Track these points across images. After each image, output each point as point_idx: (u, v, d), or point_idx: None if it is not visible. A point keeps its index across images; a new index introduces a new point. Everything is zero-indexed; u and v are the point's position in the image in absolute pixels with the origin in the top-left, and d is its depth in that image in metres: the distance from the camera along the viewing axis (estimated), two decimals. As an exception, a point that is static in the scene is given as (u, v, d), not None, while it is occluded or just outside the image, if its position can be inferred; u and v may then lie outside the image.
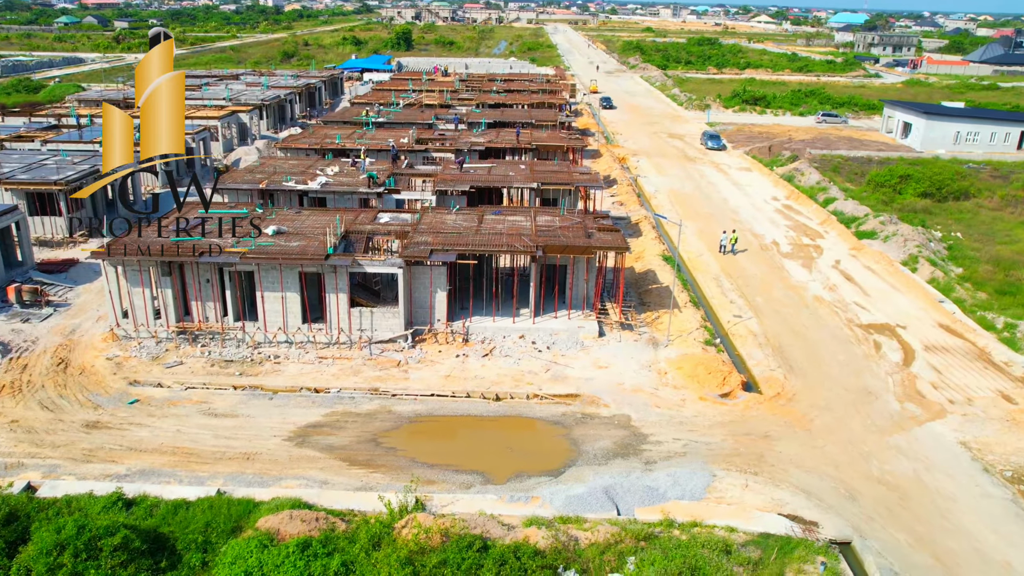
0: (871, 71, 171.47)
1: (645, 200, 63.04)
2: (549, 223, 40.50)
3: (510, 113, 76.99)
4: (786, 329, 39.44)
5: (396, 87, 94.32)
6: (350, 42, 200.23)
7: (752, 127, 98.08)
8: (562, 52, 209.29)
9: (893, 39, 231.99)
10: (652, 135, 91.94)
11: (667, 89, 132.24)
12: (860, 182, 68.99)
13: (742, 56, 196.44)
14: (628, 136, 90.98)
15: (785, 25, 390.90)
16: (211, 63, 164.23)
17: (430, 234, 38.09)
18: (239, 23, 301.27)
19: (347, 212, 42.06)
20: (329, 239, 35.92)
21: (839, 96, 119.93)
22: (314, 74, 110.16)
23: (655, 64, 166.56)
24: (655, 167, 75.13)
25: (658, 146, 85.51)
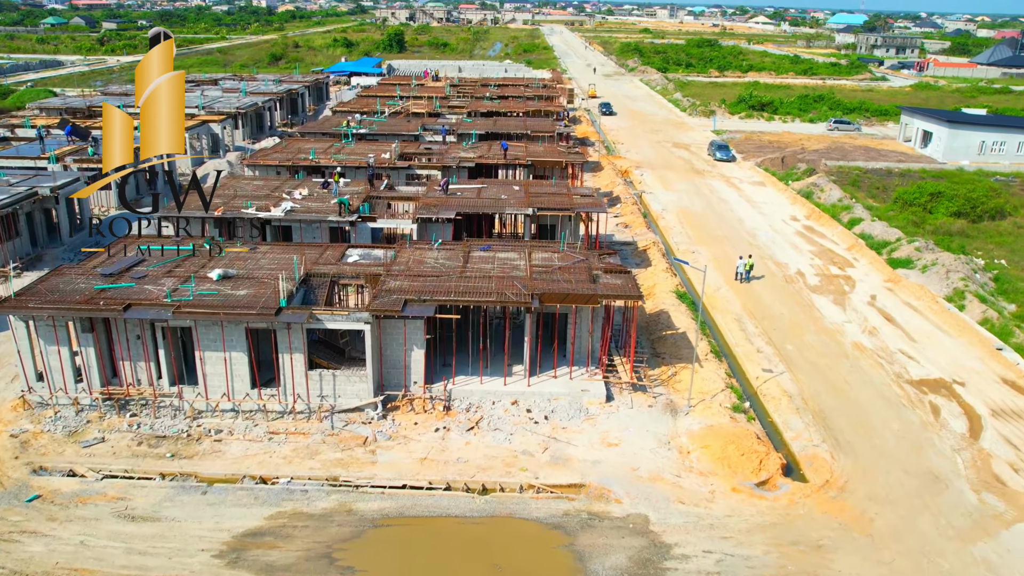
0: (877, 74, 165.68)
1: (653, 222, 57.00)
2: (547, 262, 34.41)
3: (504, 123, 70.88)
4: (826, 387, 33.40)
5: (383, 93, 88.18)
6: (341, 44, 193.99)
7: (761, 135, 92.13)
8: (558, 54, 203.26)
9: (896, 41, 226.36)
10: (656, 144, 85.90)
11: (669, 94, 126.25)
12: (883, 198, 63.11)
13: (743, 58, 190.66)
14: (630, 145, 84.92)
15: (784, 26, 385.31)
16: (196, 66, 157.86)
17: (406, 277, 31.97)
18: (230, 24, 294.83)
19: (311, 248, 35.90)
20: (283, 287, 29.77)
21: (849, 101, 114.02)
22: (297, 79, 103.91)
23: (655, 67, 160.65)
24: (661, 181, 69.10)
25: (663, 157, 79.47)
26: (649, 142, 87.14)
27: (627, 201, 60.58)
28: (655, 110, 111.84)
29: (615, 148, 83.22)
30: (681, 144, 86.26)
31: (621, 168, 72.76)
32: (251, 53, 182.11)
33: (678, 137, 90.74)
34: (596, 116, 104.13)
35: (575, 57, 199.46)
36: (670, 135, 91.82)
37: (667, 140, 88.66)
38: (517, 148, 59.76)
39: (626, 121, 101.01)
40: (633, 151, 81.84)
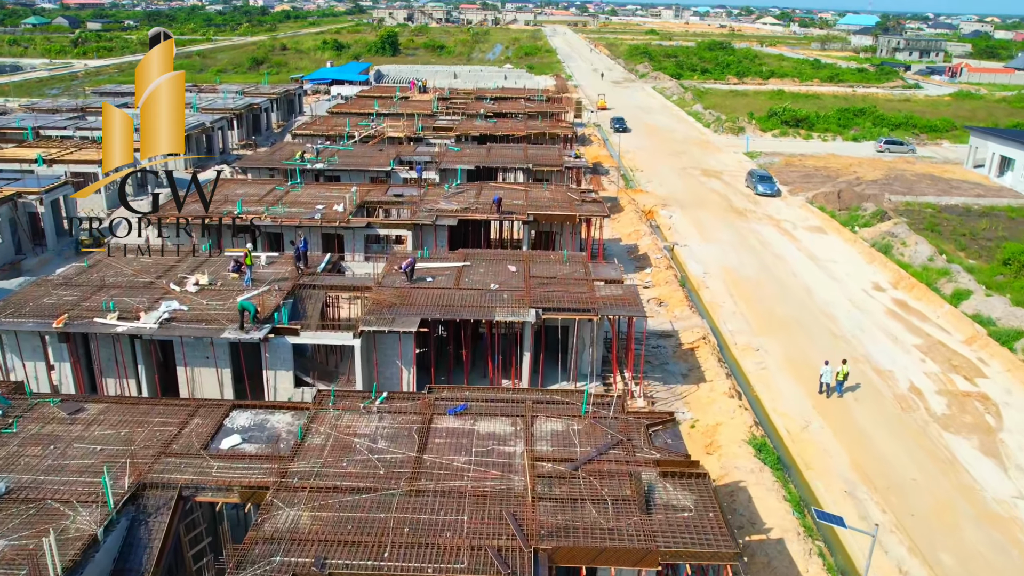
0: (909, 80, 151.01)
1: (694, 294, 42.66)
2: (563, 446, 20.10)
3: (499, 153, 56.57)
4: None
5: (358, 109, 73.84)
6: (330, 47, 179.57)
7: (803, 159, 77.68)
8: (562, 57, 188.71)
9: (919, 44, 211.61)
10: (682, 172, 71.47)
11: (687, 105, 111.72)
12: (978, 250, 49.04)
13: (759, 62, 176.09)
14: (651, 173, 70.53)
15: (793, 27, 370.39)
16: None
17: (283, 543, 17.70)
18: (220, 25, 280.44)
19: (174, 409, 21.57)
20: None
21: (892, 115, 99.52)
22: (264, 90, 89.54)
23: (668, 73, 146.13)
24: (695, 226, 54.79)
25: (693, 190, 65.09)
26: (673, 168, 72.72)
27: (657, 259, 46.23)
28: (674, 125, 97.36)
29: (634, 177, 68.80)
30: (711, 171, 71.84)
31: (644, 207, 58.42)
32: (232, 56, 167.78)
33: (706, 161, 76.33)
34: (608, 133, 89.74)
35: (580, 61, 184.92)
36: (696, 158, 77.39)
37: (693, 165, 74.23)
38: (516, 194, 45.49)
39: (643, 139, 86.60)
40: (655, 181, 67.44)
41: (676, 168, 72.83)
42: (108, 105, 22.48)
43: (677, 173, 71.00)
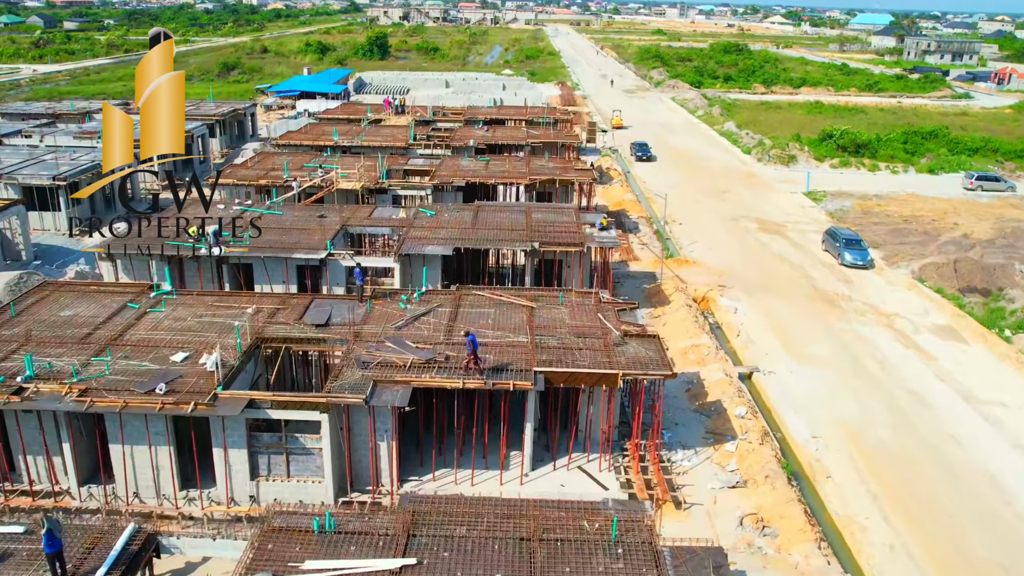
0: (958, 89, 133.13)
1: (808, 485, 25.23)
2: None
3: (491, 217, 38.94)
4: None
5: (312, 139, 56.13)
6: (313, 49, 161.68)
7: (880, 204, 60.17)
8: (566, 61, 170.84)
9: (952, 46, 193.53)
10: (732, 224, 53.90)
11: (716, 121, 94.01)
12: None
13: (781, 67, 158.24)
14: (693, 226, 52.98)
15: (804, 27, 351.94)
16: (123, 79, 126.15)
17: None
18: (204, 24, 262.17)
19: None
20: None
21: (967, 138, 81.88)
22: (208, 109, 71.78)
23: (686, 80, 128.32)
24: (774, 327, 37.33)
25: (755, 257, 47.49)
26: (720, 219, 55.13)
27: (742, 419, 28.64)
28: (706, 150, 79.63)
29: (672, 235, 51.20)
30: (770, 223, 54.25)
31: (696, 293, 40.93)
32: (204, 61, 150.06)
33: (759, 206, 58.75)
34: (629, 162, 72.11)
35: (586, 65, 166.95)
36: (746, 202, 59.76)
37: (745, 213, 56.64)
38: (514, 312, 28.06)
39: (672, 171, 69.00)
40: (701, 241, 49.86)
41: (724, 218, 55.22)
42: (108, 105, 21.48)
43: (726, 226, 53.40)
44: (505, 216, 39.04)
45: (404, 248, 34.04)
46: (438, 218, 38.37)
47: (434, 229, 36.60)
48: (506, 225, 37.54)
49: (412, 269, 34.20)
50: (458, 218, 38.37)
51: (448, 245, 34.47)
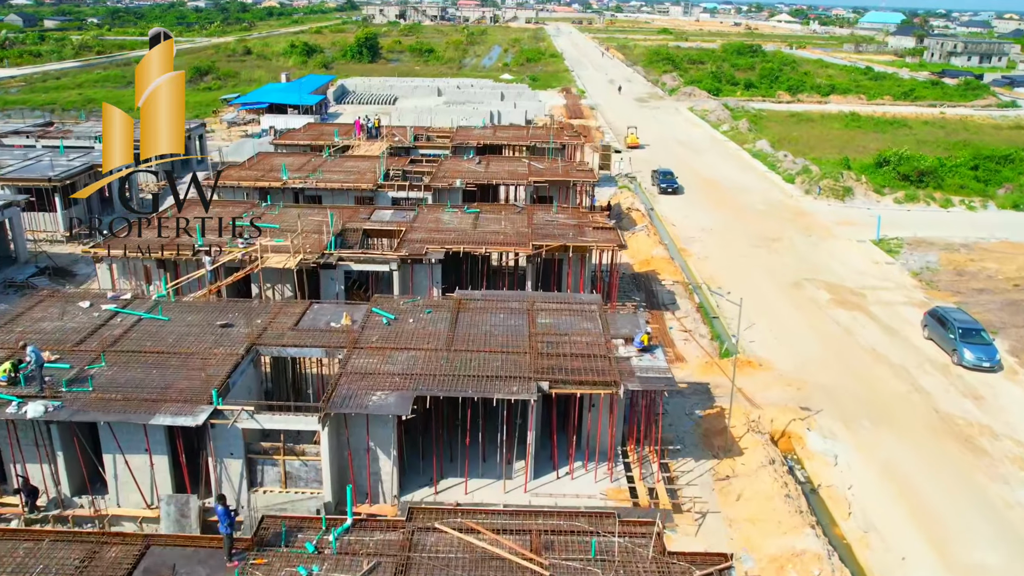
0: (1003, 97, 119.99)
1: None
2: None
3: (475, 330, 26.10)
4: None
5: (254, 179, 43.25)
6: (298, 51, 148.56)
7: (972, 257, 47.32)
8: (570, 64, 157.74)
9: (980, 46, 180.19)
10: (794, 293, 40.99)
11: (745, 139, 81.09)
12: None
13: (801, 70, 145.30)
14: (744, 295, 40.07)
15: (813, 26, 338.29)
16: (87, 84, 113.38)
17: None
18: (191, 23, 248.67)
19: None
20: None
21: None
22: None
23: (703, 88, 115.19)
24: (902, 500, 24.57)
25: (837, 350, 34.58)
26: (777, 282, 42.21)
27: None
28: (739, 176, 66.65)
29: (718, 310, 38.34)
30: (844, 291, 41.34)
31: (772, 427, 28.12)
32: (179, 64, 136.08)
33: (821, 260, 45.87)
34: (651, 195, 59.23)
35: (591, 68, 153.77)
36: (803, 255, 46.83)
37: (808, 272, 43.67)
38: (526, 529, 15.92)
39: (705, 208, 56.15)
40: (760, 320, 36.91)
41: (783, 282, 42.32)
42: (108, 105, 20.97)
43: (788, 296, 40.53)
44: (499, 323, 26.23)
45: (339, 405, 21.21)
46: (398, 330, 25.54)
47: (388, 354, 23.76)
48: (498, 342, 24.74)
49: (350, 432, 21.57)
50: (429, 330, 25.51)
51: (407, 395, 21.60)
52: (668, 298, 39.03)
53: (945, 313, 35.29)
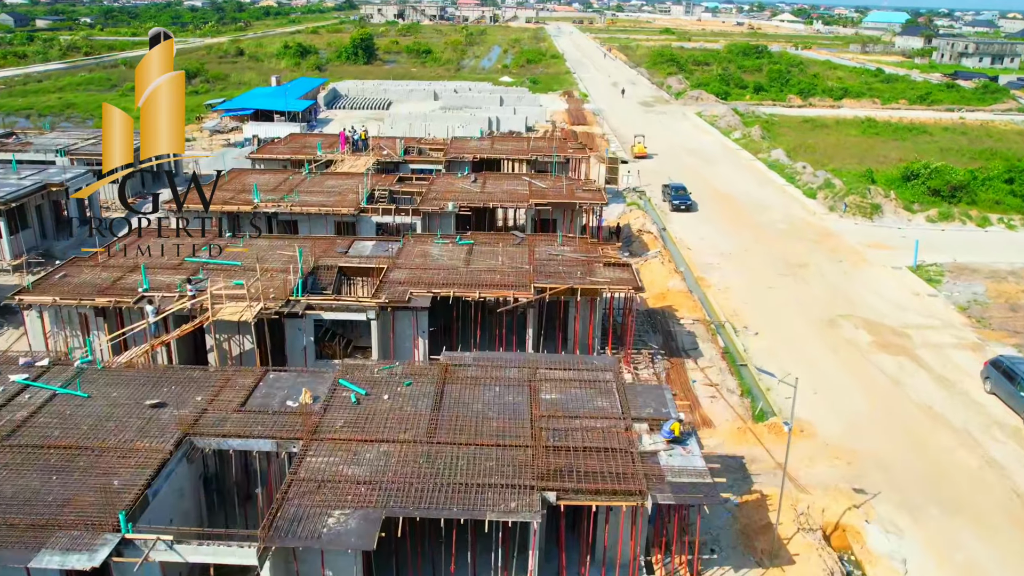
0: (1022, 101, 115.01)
1: None
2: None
3: (466, 409, 21.21)
4: None
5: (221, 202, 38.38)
6: (292, 52, 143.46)
7: (1015, 285, 42.41)
8: (571, 65, 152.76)
9: (992, 47, 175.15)
10: (830, 333, 36.04)
11: (759, 147, 76.16)
12: None
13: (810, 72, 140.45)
14: (774, 336, 35.29)
15: (816, 25, 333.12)
16: (69, 87, 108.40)
17: None
18: (186, 23, 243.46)
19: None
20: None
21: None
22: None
23: (711, 91, 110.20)
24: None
25: (887, 409, 29.65)
26: (809, 319, 37.24)
27: None
28: (756, 190, 61.70)
29: (745, 357, 33.41)
30: (885, 330, 36.41)
31: (822, 517, 23.22)
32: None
33: (855, 291, 40.94)
34: (662, 213, 54.31)
35: (593, 69, 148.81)
36: (835, 285, 41.88)
37: (842, 307, 38.73)
38: None
39: (722, 227, 51.24)
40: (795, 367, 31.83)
41: (815, 319, 37.38)
42: (108, 105, 20.77)
43: (824, 337, 35.59)
44: (493, 399, 21.34)
45: (284, 533, 16.30)
46: (369, 411, 20.63)
47: (354, 449, 18.85)
48: (492, 429, 19.85)
49: (300, 567, 16.70)
50: (407, 412, 20.61)
51: (373, 516, 16.67)
52: (688, 341, 34.14)
53: (1012, 365, 30.31)
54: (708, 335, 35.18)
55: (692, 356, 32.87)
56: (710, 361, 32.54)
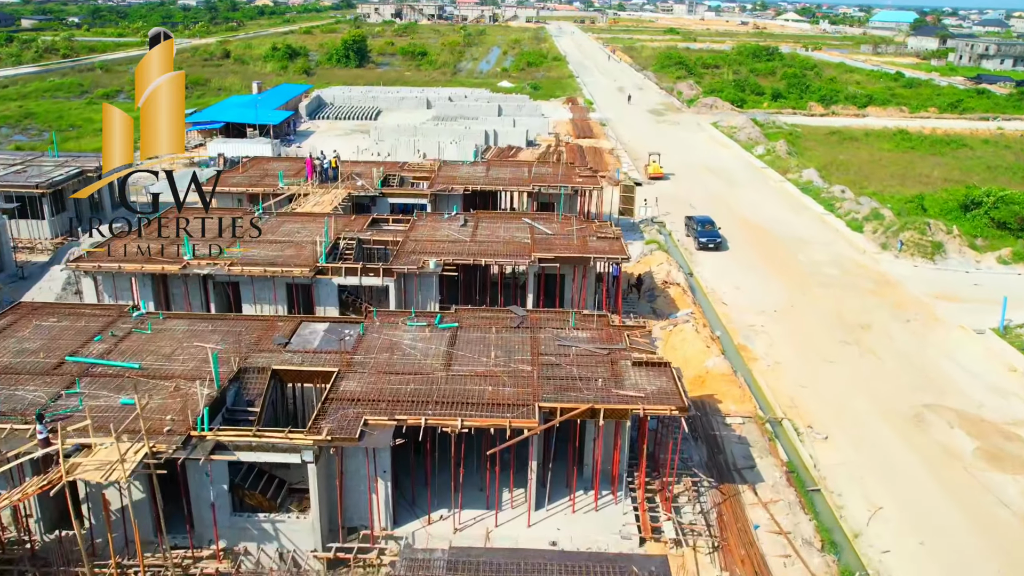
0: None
1: None
2: None
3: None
4: None
5: (137, 264, 30.21)
6: (280, 54, 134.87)
7: None
8: (574, 67, 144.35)
9: (1014, 48, 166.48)
10: (916, 434, 27.84)
11: (785, 164, 67.79)
12: None
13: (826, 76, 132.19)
14: (843, 439, 27.18)
15: (822, 25, 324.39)
16: (35, 93, 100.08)
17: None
18: (178, 23, 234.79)
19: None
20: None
21: None
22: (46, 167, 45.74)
23: (726, 98, 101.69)
24: None
25: (1018, 566, 21.56)
26: (887, 412, 28.95)
27: None
28: (791, 219, 53.27)
29: (816, 475, 25.19)
30: (986, 429, 28.09)
31: None
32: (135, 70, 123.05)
33: (934, 365, 32.65)
34: (685, 251, 46.01)
35: (597, 73, 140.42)
36: (909, 356, 33.54)
37: (923, 391, 30.46)
38: None
39: (758, 274, 42.90)
40: (878, 488, 23.82)
41: (897, 417, 28.99)
42: (107, 105, 20.86)
43: (909, 441, 27.28)
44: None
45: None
46: None
47: None
48: None
49: None
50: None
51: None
52: (741, 454, 25.84)
53: None
54: (764, 440, 26.89)
55: (748, 480, 24.59)
56: (773, 488, 24.23)
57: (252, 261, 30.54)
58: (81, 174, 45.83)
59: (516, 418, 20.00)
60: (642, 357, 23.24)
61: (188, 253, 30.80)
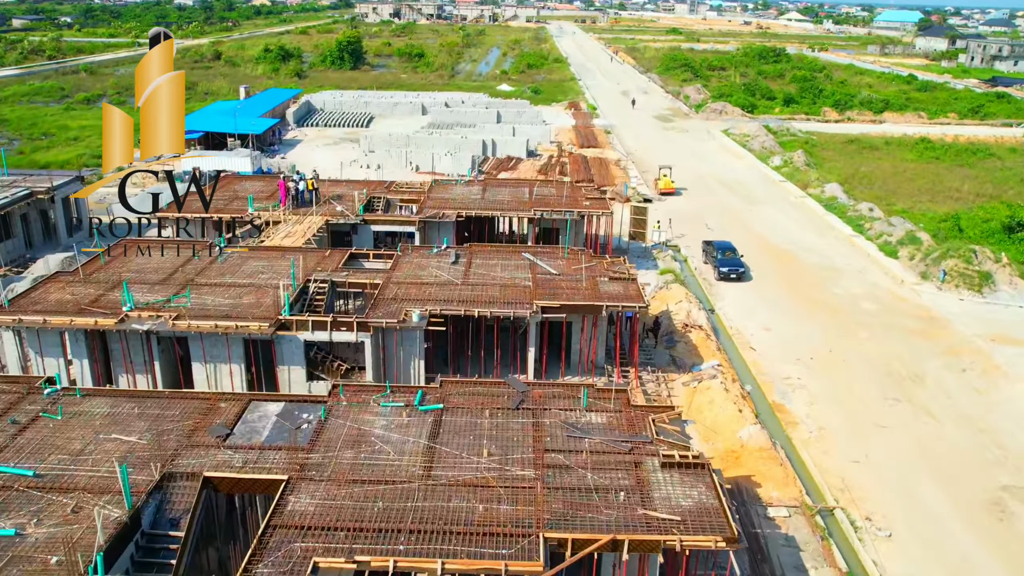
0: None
1: None
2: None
3: None
4: None
5: (68, 315, 25.43)
6: (273, 56, 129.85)
7: None
8: (576, 71, 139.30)
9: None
10: (989, 521, 23.09)
11: (804, 178, 62.86)
12: None
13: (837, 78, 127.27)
14: (905, 534, 22.37)
15: (826, 25, 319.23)
16: (12, 98, 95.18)
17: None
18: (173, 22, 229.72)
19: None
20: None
21: None
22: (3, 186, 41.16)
23: (736, 103, 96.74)
24: None
25: None
26: (955, 500, 24.11)
27: None
28: (818, 243, 48.34)
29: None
30: (1079, 517, 23.40)
31: None
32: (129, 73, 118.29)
33: (1002, 425, 27.81)
34: (705, 281, 41.14)
35: (599, 75, 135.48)
36: (969, 416, 28.64)
37: (996, 467, 25.60)
38: None
39: (788, 311, 38.02)
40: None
41: (969, 503, 24.11)
42: (108, 105, 20.33)
43: (988, 538, 22.42)
44: None
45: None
46: None
47: None
48: None
49: None
50: None
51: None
52: (791, 563, 20.97)
53: None
54: (815, 539, 22.03)
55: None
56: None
57: (203, 313, 25.69)
58: (31, 195, 41.06)
59: (514, 559, 15.11)
60: (672, 454, 18.38)
61: (128, 303, 25.98)
